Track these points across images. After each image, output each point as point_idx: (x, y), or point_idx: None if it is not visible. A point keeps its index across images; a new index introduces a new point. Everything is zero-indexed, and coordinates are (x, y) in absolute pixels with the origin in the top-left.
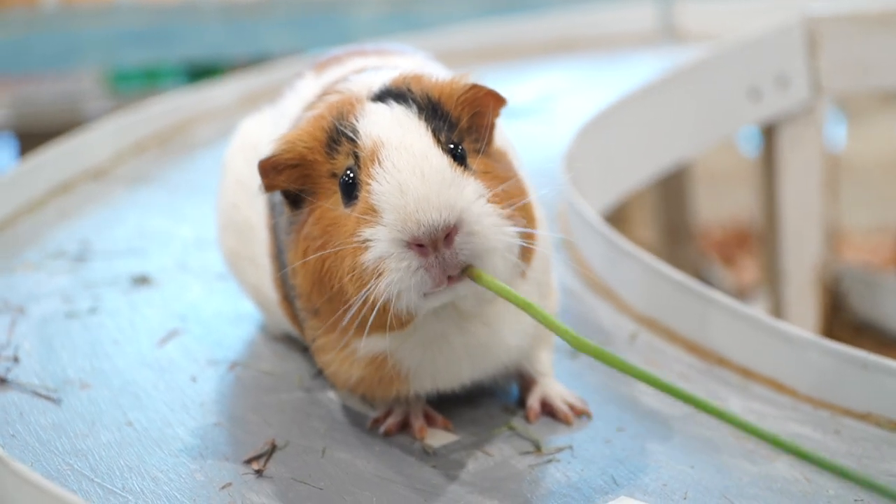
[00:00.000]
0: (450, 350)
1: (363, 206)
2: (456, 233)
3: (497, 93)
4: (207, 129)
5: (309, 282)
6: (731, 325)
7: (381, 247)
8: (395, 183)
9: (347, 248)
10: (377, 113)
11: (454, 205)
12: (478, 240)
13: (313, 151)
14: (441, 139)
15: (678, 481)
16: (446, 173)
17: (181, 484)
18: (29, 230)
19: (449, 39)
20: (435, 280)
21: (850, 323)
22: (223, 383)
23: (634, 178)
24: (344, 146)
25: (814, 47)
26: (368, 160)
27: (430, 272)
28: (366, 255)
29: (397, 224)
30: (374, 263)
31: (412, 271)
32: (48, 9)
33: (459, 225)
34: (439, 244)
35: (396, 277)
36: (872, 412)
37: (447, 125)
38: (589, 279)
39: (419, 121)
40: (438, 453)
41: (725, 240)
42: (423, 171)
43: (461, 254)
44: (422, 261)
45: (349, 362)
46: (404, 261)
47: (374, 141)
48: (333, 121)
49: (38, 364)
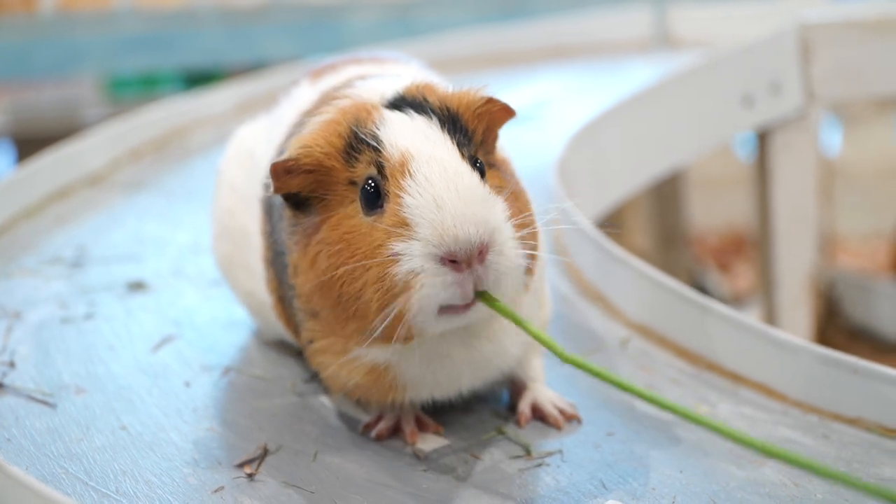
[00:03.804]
0: (451, 364)
1: (393, 219)
2: (487, 251)
3: (510, 107)
4: (204, 135)
5: (315, 285)
6: (722, 331)
7: (415, 261)
8: (429, 197)
9: (374, 261)
10: (399, 122)
11: (488, 222)
12: (505, 260)
13: (330, 158)
14: (465, 153)
15: (667, 485)
16: (479, 190)
17: (174, 488)
18: (26, 236)
19: (445, 46)
20: (465, 296)
21: (844, 328)
22: (217, 388)
23: (627, 185)
24: (365, 154)
25: (807, 54)
26: (397, 172)
27: (463, 288)
28: (396, 268)
29: (434, 239)
30: (405, 277)
31: (446, 286)
32: (46, 16)
33: (492, 243)
34: (473, 261)
35: (431, 292)
36: (862, 417)
37: (466, 138)
38: (581, 286)
39: (443, 133)
40: (429, 457)
41: (721, 246)
42: (458, 186)
43: (491, 273)
44: (456, 276)
45: (348, 368)
46: (439, 276)
47: (401, 152)
48: (351, 127)
49: (33, 369)
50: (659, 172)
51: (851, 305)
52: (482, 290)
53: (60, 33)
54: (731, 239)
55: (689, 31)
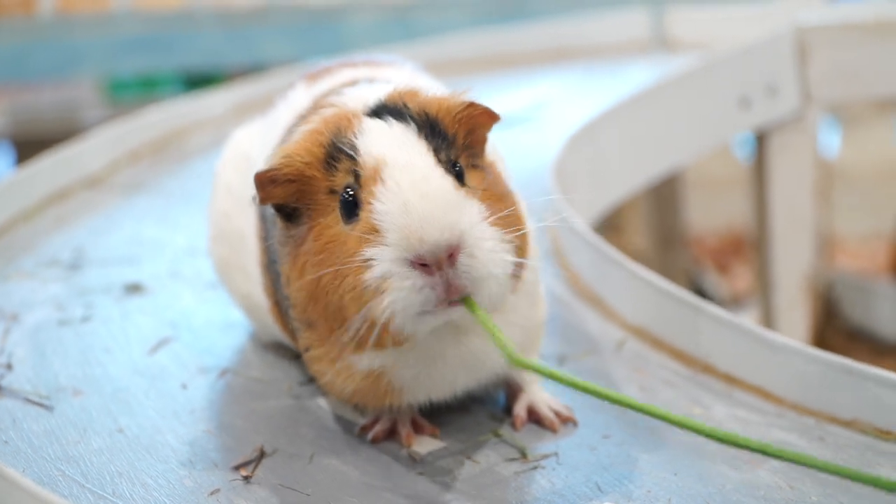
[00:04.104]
0: (445, 364)
1: (365, 225)
2: (458, 253)
3: (492, 111)
4: (202, 137)
5: (305, 296)
6: (717, 333)
7: (384, 266)
8: (398, 202)
9: (350, 267)
10: (376, 130)
11: (457, 225)
12: (478, 263)
13: (311, 167)
14: (441, 158)
15: (662, 488)
16: (449, 194)
17: (170, 490)
18: (24, 238)
19: (444, 48)
20: (438, 299)
21: (843, 329)
22: (213, 390)
23: (626, 186)
24: (343, 163)
25: (803, 56)
26: (370, 179)
27: (435, 291)
28: (368, 273)
29: (401, 243)
30: (376, 282)
31: (416, 290)
32: (45, 18)
33: (462, 246)
34: (443, 263)
35: (400, 296)
36: (857, 419)
37: (445, 143)
38: (577, 287)
39: (419, 139)
40: (425, 460)
41: (720, 247)
42: (427, 190)
43: (464, 275)
44: (426, 280)
45: (344, 375)
46: (408, 280)
47: (375, 159)
48: (331, 137)
49: (30, 371)
50: (657, 173)
51: (850, 307)
52: (463, 294)
53: (59, 35)
54: (730, 240)
55: (687, 33)
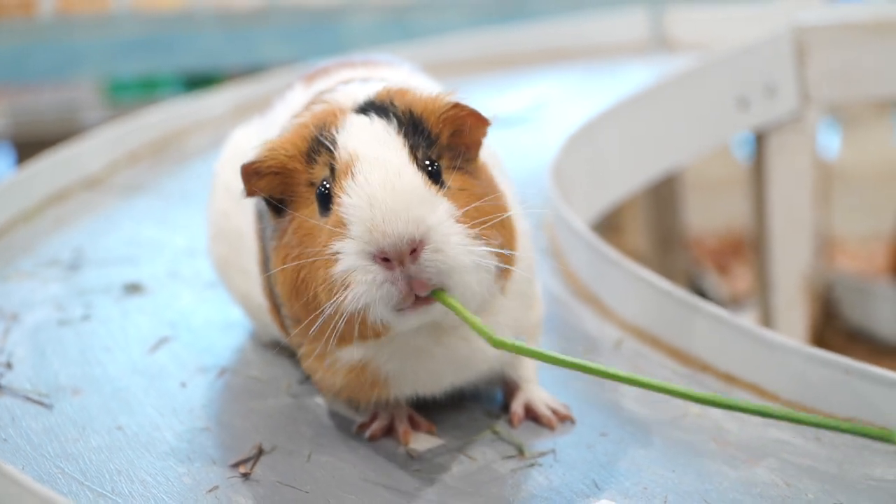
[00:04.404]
0: (430, 360)
1: (334, 218)
2: (422, 248)
3: (479, 113)
4: (201, 138)
5: (287, 290)
6: (715, 333)
7: (349, 260)
8: (364, 196)
9: (321, 260)
10: (356, 125)
11: (421, 220)
12: (444, 258)
13: (293, 160)
14: (418, 155)
15: (659, 485)
16: (417, 189)
17: (169, 487)
18: (24, 238)
19: (442, 48)
20: (401, 294)
21: (842, 330)
22: (212, 389)
23: (623, 188)
24: (322, 156)
25: (802, 56)
26: (343, 172)
27: (396, 286)
28: (335, 267)
29: (364, 236)
30: (342, 276)
31: (377, 284)
32: (45, 19)
33: (426, 241)
34: (405, 258)
35: (362, 290)
36: (854, 418)
37: (426, 141)
38: (575, 287)
39: (397, 135)
40: (422, 457)
41: (719, 248)
42: (395, 185)
43: (427, 271)
44: (387, 274)
45: (332, 370)
46: (369, 273)
47: (349, 153)
48: (315, 130)
49: (30, 370)
50: (656, 174)
51: (850, 307)
52: (430, 289)
53: (59, 36)
54: (729, 241)
55: (686, 33)
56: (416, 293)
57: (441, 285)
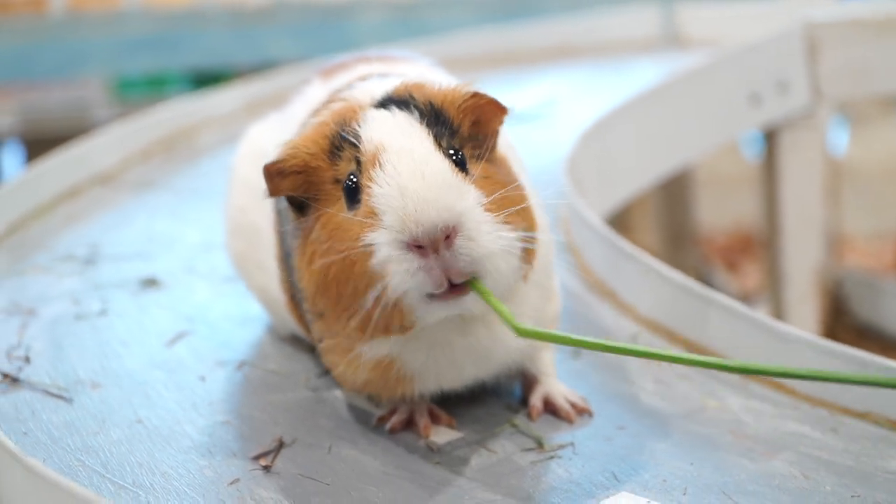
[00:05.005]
0: (452, 352)
1: (365, 209)
2: (455, 235)
3: (498, 102)
4: (212, 135)
5: (314, 286)
6: (731, 326)
7: (383, 250)
8: (395, 185)
9: (355, 253)
10: (379, 119)
11: (453, 207)
12: (476, 245)
13: (316, 158)
14: (442, 144)
15: (678, 478)
16: (447, 177)
17: (191, 480)
18: (38, 234)
19: (452, 45)
20: (436, 282)
21: (852, 326)
22: (231, 383)
23: (636, 183)
24: (346, 152)
25: (814, 53)
26: (370, 164)
27: (431, 274)
28: (371, 258)
29: (397, 225)
30: (377, 267)
31: (412, 273)
32: (55, 16)
33: (458, 228)
34: (439, 245)
35: (398, 279)
36: (871, 411)
37: (448, 131)
38: (591, 281)
39: (421, 126)
40: (442, 450)
41: (729, 245)
42: (424, 173)
43: (461, 258)
44: (422, 262)
45: (355, 365)
46: (405, 263)
47: (375, 145)
48: (336, 127)
49: (49, 364)
50: (667, 170)
51: (859, 304)
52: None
53: (68, 35)
54: (739, 238)
55: (697, 30)
56: (451, 280)
57: (474, 272)
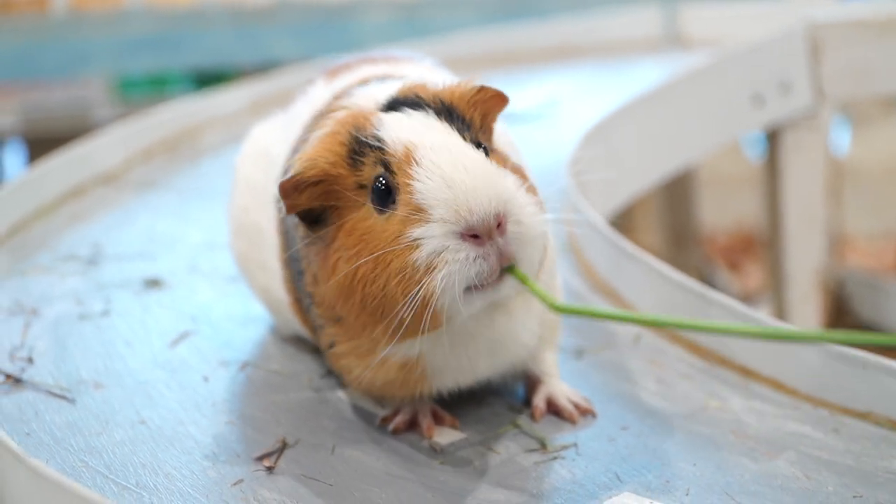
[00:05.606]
0: (475, 345)
1: (407, 207)
2: (506, 221)
3: (503, 94)
4: (215, 135)
5: (337, 291)
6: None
7: (435, 242)
8: (439, 179)
9: (395, 251)
10: (396, 120)
11: (501, 194)
12: (524, 229)
13: (336, 166)
14: (466, 138)
15: (680, 478)
16: (486, 166)
17: (194, 480)
18: (41, 234)
19: (455, 46)
20: (493, 268)
21: (853, 327)
22: (234, 383)
23: (638, 183)
24: (369, 156)
25: (816, 54)
26: (404, 163)
27: (488, 261)
28: (417, 253)
29: (450, 216)
30: (427, 259)
31: (470, 261)
32: (57, 16)
33: (507, 214)
34: (493, 232)
35: (455, 268)
36: (872, 412)
37: (464, 126)
38: (594, 281)
39: (441, 122)
40: (446, 451)
41: (731, 245)
42: (465, 164)
43: (514, 242)
44: (479, 250)
45: (377, 367)
46: (461, 252)
47: (404, 145)
48: (351, 134)
49: (51, 364)
50: (670, 170)
51: (860, 304)
52: (511, 262)
53: (70, 34)
54: (741, 238)
55: (699, 30)
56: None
57: (520, 257)
